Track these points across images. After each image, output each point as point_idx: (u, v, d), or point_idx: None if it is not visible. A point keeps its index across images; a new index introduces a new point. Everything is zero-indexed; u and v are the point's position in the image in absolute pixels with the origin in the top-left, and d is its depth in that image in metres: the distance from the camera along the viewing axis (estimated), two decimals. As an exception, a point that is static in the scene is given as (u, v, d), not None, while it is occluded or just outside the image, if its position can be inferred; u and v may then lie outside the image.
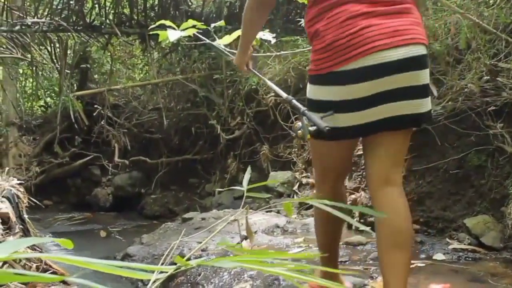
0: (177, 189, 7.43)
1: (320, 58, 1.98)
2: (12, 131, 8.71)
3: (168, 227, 4.53)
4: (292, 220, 4.28)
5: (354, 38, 1.89)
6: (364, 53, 1.88)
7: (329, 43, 1.94)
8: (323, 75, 1.98)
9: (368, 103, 1.92)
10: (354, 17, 1.91)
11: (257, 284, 2.69)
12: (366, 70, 1.89)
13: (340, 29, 1.92)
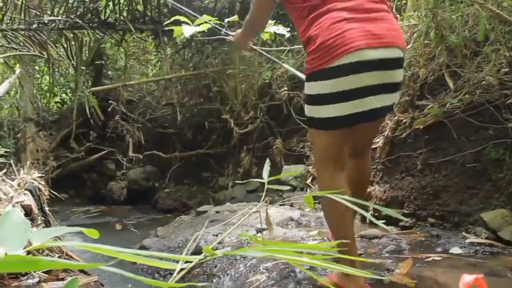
0: (190, 183, 7.47)
1: (313, 58, 2.27)
2: (30, 127, 8.82)
3: (182, 220, 4.55)
4: (306, 213, 4.28)
5: (338, 39, 2.18)
6: (347, 50, 2.17)
7: (319, 45, 2.23)
8: (315, 72, 2.27)
9: (353, 95, 2.22)
10: (338, 22, 2.22)
11: (273, 276, 2.69)
12: (349, 66, 2.18)
13: (326, 32, 2.22)
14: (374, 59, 2.19)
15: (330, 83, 2.22)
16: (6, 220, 1.04)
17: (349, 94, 2.21)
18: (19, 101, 9.30)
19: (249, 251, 1.09)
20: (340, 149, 2.40)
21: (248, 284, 2.72)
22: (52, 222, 3.28)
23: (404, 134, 3.84)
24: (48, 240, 1.00)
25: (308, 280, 2.46)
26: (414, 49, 3.94)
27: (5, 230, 1.01)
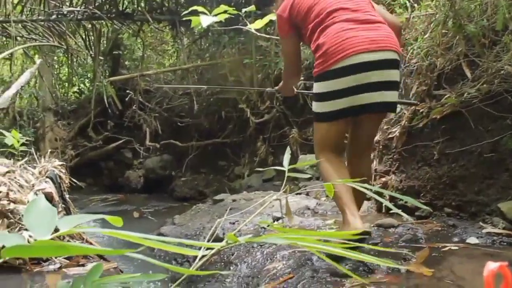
0: (207, 171, 7.53)
1: (320, 62, 2.72)
2: (48, 116, 8.94)
3: (199, 208, 4.60)
4: (322, 202, 4.31)
5: (341, 45, 2.64)
6: (347, 55, 2.62)
7: (325, 50, 2.68)
8: (321, 74, 2.72)
9: (352, 91, 2.66)
10: (341, 31, 2.68)
11: (290, 263, 2.72)
12: (349, 67, 2.63)
13: (332, 39, 2.68)
14: (373, 60, 2.65)
15: (332, 82, 2.69)
16: (33, 207, 1.08)
17: (349, 91, 2.66)
18: (38, 91, 9.43)
19: (271, 238, 1.12)
20: (335, 141, 2.86)
21: (265, 272, 2.75)
22: (72, 210, 3.35)
23: (421, 124, 3.83)
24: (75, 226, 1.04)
25: (325, 269, 2.49)
26: (432, 38, 3.93)
27: (32, 217, 1.05)
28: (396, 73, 2.76)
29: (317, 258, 2.64)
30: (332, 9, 2.79)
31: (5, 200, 3.09)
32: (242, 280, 2.85)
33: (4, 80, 10.10)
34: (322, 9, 2.81)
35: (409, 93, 4.11)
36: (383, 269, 2.42)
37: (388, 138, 4.16)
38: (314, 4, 2.86)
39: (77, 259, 3.08)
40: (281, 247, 2.99)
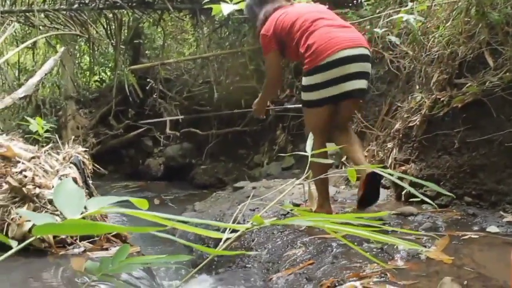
0: (226, 159, 7.57)
1: (311, 59, 3.26)
2: (70, 105, 9.05)
3: (219, 195, 4.64)
4: (341, 190, 4.32)
5: (328, 44, 3.20)
6: (334, 51, 3.19)
7: (315, 48, 3.23)
8: (314, 68, 3.26)
9: (338, 81, 3.23)
10: (327, 33, 3.27)
11: (310, 250, 2.74)
12: (336, 61, 3.20)
13: (320, 39, 3.24)
14: (352, 55, 3.24)
15: (324, 74, 3.24)
16: (62, 188, 1.11)
17: (333, 81, 3.23)
18: (61, 80, 9.54)
19: (296, 220, 1.14)
20: (326, 123, 3.42)
21: (285, 258, 2.78)
22: (95, 195, 3.41)
23: (441, 113, 3.81)
24: (103, 207, 1.07)
25: (345, 255, 2.51)
26: (454, 26, 3.90)
27: (62, 197, 1.09)
28: (369, 66, 3.36)
29: (337, 245, 2.66)
30: (313, 19, 3.38)
31: (30, 185, 3.16)
32: (263, 266, 2.89)
33: (27, 69, 10.23)
34: (304, 20, 3.39)
35: (429, 81, 4.09)
36: (403, 256, 2.44)
37: (408, 127, 4.15)
38: (296, 19, 3.42)
39: (100, 243, 3.14)
40: (301, 234, 3.02)
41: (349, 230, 1.15)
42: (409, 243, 1.19)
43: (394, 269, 2.24)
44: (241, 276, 2.80)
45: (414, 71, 4.57)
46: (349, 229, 1.15)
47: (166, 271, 3.24)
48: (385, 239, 1.18)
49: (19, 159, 3.60)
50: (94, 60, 9.69)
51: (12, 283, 2.60)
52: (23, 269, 2.78)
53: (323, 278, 2.32)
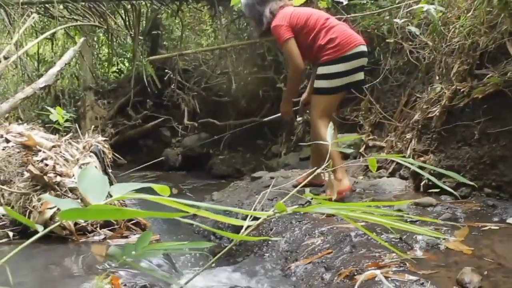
0: (244, 150, 7.59)
1: (334, 50, 3.73)
2: (89, 95, 9.12)
3: (237, 185, 4.65)
4: (359, 180, 4.31)
5: (349, 38, 3.75)
6: (356, 44, 3.75)
7: (339, 41, 3.73)
8: (337, 58, 3.74)
9: (351, 72, 3.76)
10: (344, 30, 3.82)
11: (328, 239, 2.75)
12: (355, 54, 3.74)
13: (341, 34, 3.76)
14: (362, 50, 3.79)
15: (344, 65, 3.73)
16: (85, 175, 1.13)
17: (351, 71, 3.75)
18: (79, 70, 9.61)
19: (319, 208, 1.15)
20: (334, 108, 4.09)
21: (304, 247, 2.79)
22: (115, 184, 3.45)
23: (461, 104, 3.78)
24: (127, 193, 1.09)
25: (364, 244, 2.51)
26: (475, 16, 3.86)
27: (86, 183, 1.10)
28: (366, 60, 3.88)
29: (355, 234, 2.66)
30: (325, 17, 3.88)
31: (52, 173, 3.20)
32: (281, 255, 2.90)
33: (46, 60, 10.31)
34: (318, 17, 3.85)
35: (450, 72, 4.06)
36: (422, 246, 2.43)
37: (428, 118, 4.12)
38: (310, 15, 3.85)
39: (120, 231, 3.18)
40: (319, 224, 3.02)
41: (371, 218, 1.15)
42: (431, 231, 1.19)
43: (413, 259, 2.23)
44: (259, 265, 2.81)
45: (434, 61, 4.54)
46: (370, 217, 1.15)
47: (184, 260, 3.26)
48: (406, 227, 1.18)
49: (40, 148, 3.65)
50: (113, 51, 9.73)
51: (33, 269, 2.64)
52: (45, 255, 2.82)
53: (341, 267, 2.33)
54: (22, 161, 3.64)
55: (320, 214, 3.20)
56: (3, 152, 3.78)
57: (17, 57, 6.14)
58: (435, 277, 2.03)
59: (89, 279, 2.37)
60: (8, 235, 3.19)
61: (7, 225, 3.27)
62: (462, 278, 1.95)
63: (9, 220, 3.29)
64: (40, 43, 9.47)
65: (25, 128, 4.11)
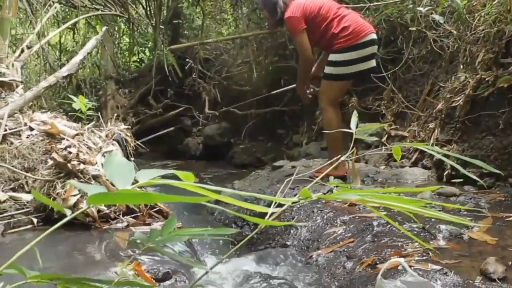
0: (265, 139, 7.58)
1: (348, 38, 3.84)
2: (110, 85, 9.18)
3: (258, 174, 4.65)
4: (381, 170, 4.29)
5: (362, 26, 3.87)
6: (367, 32, 3.87)
7: (352, 30, 3.84)
8: (350, 46, 3.84)
9: (364, 60, 3.86)
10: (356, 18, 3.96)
11: (350, 228, 2.74)
12: (368, 42, 3.86)
13: (354, 23, 3.87)
14: (373, 38, 3.92)
15: (357, 52, 3.84)
16: (111, 160, 1.13)
17: (363, 59, 3.85)
18: (101, 60, 9.67)
19: (344, 194, 1.14)
20: (343, 94, 4.49)
21: (325, 236, 2.78)
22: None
23: (486, 93, 3.74)
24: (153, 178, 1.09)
25: (386, 233, 2.50)
26: (501, 4, 3.80)
27: (112, 169, 1.11)
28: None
29: (377, 224, 2.65)
30: (337, 6, 4.00)
31: (75, 161, 3.24)
32: (303, 244, 2.90)
33: (68, 50, 10.40)
34: (330, 6, 3.96)
35: (474, 61, 4.01)
36: (445, 236, 2.41)
37: (451, 107, 4.08)
38: (322, 5, 3.94)
39: (143, 218, 3.21)
40: (341, 213, 3.01)
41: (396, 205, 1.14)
42: (458, 218, 1.18)
43: (436, 248, 2.22)
44: (280, 253, 2.82)
45: (458, 50, 4.48)
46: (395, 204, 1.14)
47: (205, 249, 3.28)
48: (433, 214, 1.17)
49: (63, 136, 3.69)
50: (134, 40, 9.77)
51: (58, 255, 2.68)
52: (68, 242, 2.86)
53: (363, 256, 2.32)
54: (46, 149, 3.69)
55: (341, 204, 3.19)
56: (27, 140, 3.84)
57: (39, 47, 6.20)
58: (458, 267, 2.02)
59: (112, 266, 2.40)
60: (33, 221, 3.25)
61: (31, 212, 3.33)
62: (486, 268, 1.94)
63: (33, 207, 3.34)
64: (62, 32, 9.55)
65: (48, 116, 4.16)
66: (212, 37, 9.26)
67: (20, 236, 3.11)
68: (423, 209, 1.18)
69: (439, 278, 1.90)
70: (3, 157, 3.68)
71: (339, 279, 2.28)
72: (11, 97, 4.29)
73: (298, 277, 2.39)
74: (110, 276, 2.18)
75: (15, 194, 3.46)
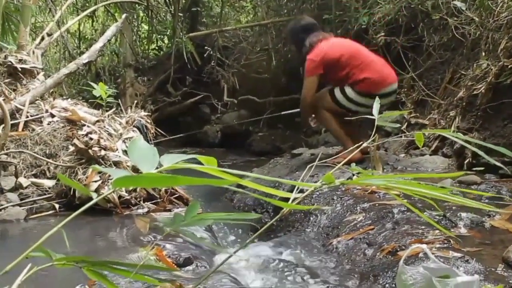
0: (283, 127, 7.56)
1: (368, 85, 4.00)
2: (129, 72, 9.21)
3: (277, 162, 4.65)
4: (401, 158, 4.26)
5: (381, 77, 3.99)
6: (386, 84, 4.05)
7: (373, 81, 3.98)
8: (366, 92, 4.00)
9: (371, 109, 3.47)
10: (381, 67, 4.10)
11: (370, 216, 2.73)
12: (385, 94, 3.98)
13: (376, 73, 4.02)
14: (393, 89, 4.18)
15: (371, 101, 3.43)
16: (135, 145, 1.14)
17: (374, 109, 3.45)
18: (119, 48, 9.71)
19: (368, 180, 1.14)
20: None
21: (345, 223, 2.78)
22: (157, 159, 3.51)
23: (508, 80, 3.69)
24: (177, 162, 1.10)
25: (407, 221, 2.49)
26: (525, -10, 3.74)
27: (136, 153, 1.12)
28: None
29: (398, 211, 2.64)
30: (360, 54, 4.12)
31: (96, 147, 3.27)
32: (322, 231, 2.90)
33: (86, 38, 10.46)
34: (352, 55, 4.08)
35: (497, 48, 3.95)
36: (466, 224, 2.40)
37: (472, 95, 4.04)
38: (342, 54, 4.07)
39: (163, 204, 3.24)
40: (361, 200, 3.01)
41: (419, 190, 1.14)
42: (482, 204, 1.17)
43: (457, 236, 2.20)
44: (300, 240, 2.83)
45: (480, 37, 4.42)
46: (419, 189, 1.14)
47: (224, 236, 3.30)
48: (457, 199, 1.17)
49: (84, 122, 3.73)
50: (152, 28, 9.79)
51: (80, 240, 2.72)
52: (90, 227, 2.90)
53: (384, 243, 2.32)
54: (67, 135, 3.74)
55: (361, 191, 3.18)
56: (49, 127, 3.89)
57: (59, 35, 6.24)
58: (480, 255, 2.00)
59: (133, 251, 2.43)
60: (54, 207, 3.30)
61: (53, 198, 3.38)
62: (508, 256, 1.92)
63: (55, 193, 3.39)
64: (81, 20, 9.60)
65: (69, 103, 4.20)
66: (231, 25, 9.24)
67: (42, 221, 3.16)
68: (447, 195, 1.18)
69: (460, 265, 1.89)
70: (25, 143, 3.73)
71: (359, 266, 2.28)
72: (32, 84, 4.33)
73: (318, 264, 2.40)
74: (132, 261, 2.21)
75: (37, 180, 3.51)
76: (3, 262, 0.98)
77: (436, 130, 2.76)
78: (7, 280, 0.95)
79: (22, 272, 0.98)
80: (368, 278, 2.10)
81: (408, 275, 1.42)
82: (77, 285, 1.92)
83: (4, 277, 0.94)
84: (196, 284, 1.60)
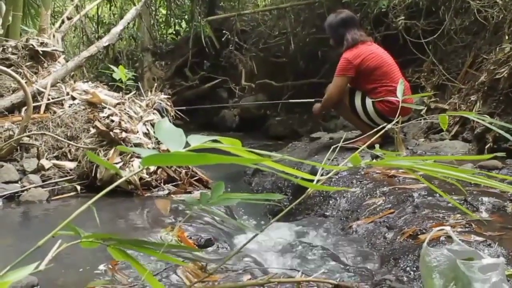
0: (301, 111, 7.54)
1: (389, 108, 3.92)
2: (147, 57, 9.25)
3: (295, 146, 4.65)
4: (420, 143, 4.24)
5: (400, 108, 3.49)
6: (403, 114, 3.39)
7: (392, 107, 3.83)
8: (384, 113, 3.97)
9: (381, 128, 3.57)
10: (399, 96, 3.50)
11: (390, 199, 2.73)
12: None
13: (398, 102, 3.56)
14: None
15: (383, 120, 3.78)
16: (161, 125, 1.16)
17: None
18: (137, 32, 9.74)
19: (395, 161, 1.14)
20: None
21: (365, 207, 2.78)
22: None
23: (532, 64, 3.65)
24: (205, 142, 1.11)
25: (427, 205, 2.48)
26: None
27: (164, 133, 1.13)
28: None
29: (418, 195, 2.63)
30: (393, 74, 4.06)
31: (117, 129, 3.30)
32: (342, 214, 2.91)
33: (104, 22, 10.49)
34: (386, 72, 4.03)
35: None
36: (488, 208, 2.39)
37: (494, 79, 3.99)
38: (380, 66, 4.03)
39: (184, 187, 3.26)
40: (380, 184, 3.00)
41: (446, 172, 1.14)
42: (508, 186, 1.17)
43: (478, 220, 2.20)
44: (319, 223, 2.83)
45: (504, 21, 4.37)
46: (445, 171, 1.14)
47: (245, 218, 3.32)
48: (482, 180, 1.17)
49: (105, 105, 3.76)
50: (171, 12, 9.79)
51: (101, 221, 2.75)
52: (111, 209, 2.94)
53: (404, 227, 2.32)
54: (88, 117, 3.77)
55: (381, 175, 3.17)
56: (70, 109, 3.93)
57: (78, 18, 6.27)
58: (502, 239, 2.00)
59: (154, 232, 2.46)
60: (76, 188, 3.34)
61: (74, 180, 3.42)
62: (531, 241, 1.92)
63: (76, 175, 3.43)
64: (99, 5, 9.62)
65: (90, 86, 4.24)
66: (249, 8, 9.18)
67: (64, 202, 3.20)
68: (473, 177, 1.18)
69: (482, 249, 1.88)
70: (47, 126, 3.77)
71: (380, 249, 2.29)
72: (54, 67, 4.37)
73: (338, 247, 2.40)
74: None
75: (59, 162, 3.56)
76: (27, 242, 1.00)
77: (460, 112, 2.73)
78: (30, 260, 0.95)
79: (49, 251, 1.00)
80: (388, 261, 2.11)
81: (432, 257, 1.42)
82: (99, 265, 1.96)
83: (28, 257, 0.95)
84: (219, 265, 1.62)
